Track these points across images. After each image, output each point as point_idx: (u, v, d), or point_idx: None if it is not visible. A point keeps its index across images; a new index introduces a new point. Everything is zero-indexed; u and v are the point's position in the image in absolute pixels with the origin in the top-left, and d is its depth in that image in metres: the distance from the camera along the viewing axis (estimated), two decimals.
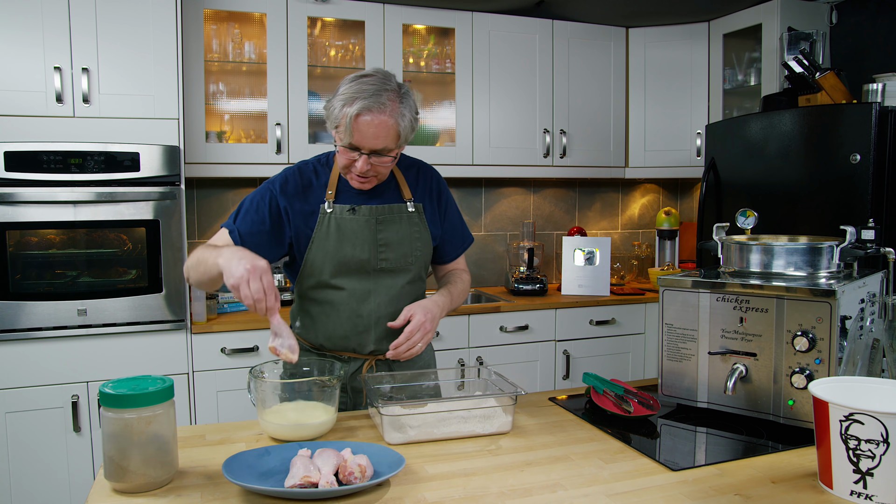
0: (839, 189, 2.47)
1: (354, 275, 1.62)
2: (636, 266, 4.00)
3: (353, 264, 1.61)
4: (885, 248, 1.59)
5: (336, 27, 3.22)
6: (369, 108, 1.46)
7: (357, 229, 1.61)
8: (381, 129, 1.48)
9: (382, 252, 1.63)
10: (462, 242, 1.83)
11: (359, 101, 1.46)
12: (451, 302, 1.69)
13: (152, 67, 2.58)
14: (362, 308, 1.63)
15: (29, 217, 2.44)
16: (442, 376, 1.68)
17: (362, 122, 1.47)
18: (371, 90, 1.47)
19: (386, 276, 1.65)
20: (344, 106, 1.48)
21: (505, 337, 3.13)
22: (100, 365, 2.53)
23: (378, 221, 1.63)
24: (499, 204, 3.75)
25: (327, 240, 1.60)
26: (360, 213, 1.61)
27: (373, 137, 1.48)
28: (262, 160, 2.97)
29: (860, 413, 1.06)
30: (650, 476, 1.21)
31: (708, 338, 1.51)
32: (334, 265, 1.61)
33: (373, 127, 1.47)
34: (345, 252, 1.60)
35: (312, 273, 1.63)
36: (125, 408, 1.13)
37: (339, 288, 1.62)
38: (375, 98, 1.47)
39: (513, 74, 3.36)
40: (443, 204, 1.76)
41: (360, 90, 1.47)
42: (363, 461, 1.14)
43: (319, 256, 1.61)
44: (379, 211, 1.63)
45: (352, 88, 1.48)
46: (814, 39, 3.07)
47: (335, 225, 1.60)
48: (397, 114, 1.49)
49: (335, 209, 1.61)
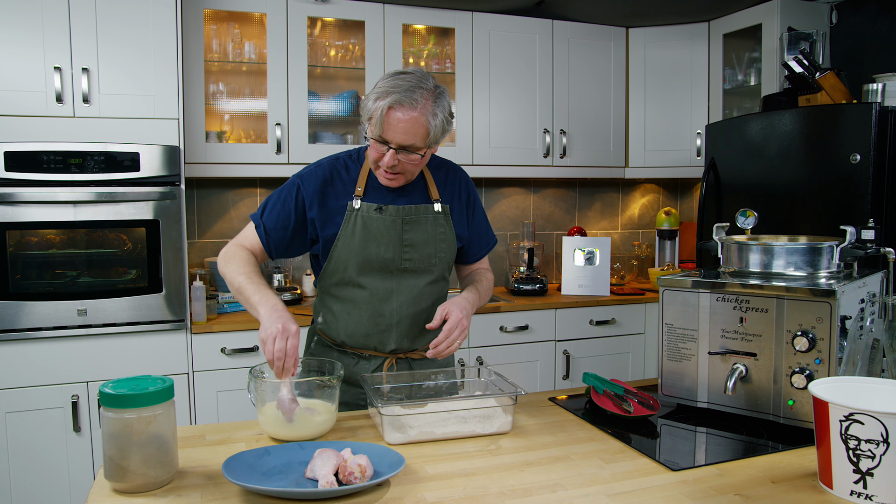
0: (839, 189, 2.47)
1: (377, 274, 1.63)
2: (636, 266, 4.00)
3: (377, 263, 1.62)
4: (885, 248, 1.59)
5: (336, 27, 3.22)
6: (401, 103, 1.48)
7: (383, 229, 1.61)
8: (412, 126, 1.50)
9: (407, 252, 1.64)
10: (487, 243, 1.85)
11: (392, 95, 1.48)
12: (479, 299, 1.70)
13: (152, 67, 2.58)
14: (384, 307, 1.64)
15: (29, 217, 2.44)
16: (441, 376, 1.68)
17: (393, 116, 1.49)
18: (406, 86, 1.49)
19: (409, 276, 1.65)
20: (378, 99, 1.50)
21: (505, 337, 3.13)
22: (100, 365, 2.53)
23: (404, 222, 1.63)
24: (499, 204, 3.75)
25: (353, 237, 1.61)
26: (387, 213, 1.62)
27: (402, 133, 1.50)
28: (262, 160, 2.97)
29: (860, 413, 1.06)
30: (650, 476, 1.21)
31: (708, 338, 1.51)
32: (358, 263, 1.61)
33: (403, 122, 1.49)
34: (369, 251, 1.61)
35: (336, 269, 1.63)
36: (125, 408, 1.13)
37: (361, 286, 1.63)
38: (409, 94, 1.49)
39: (513, 74, 3.36)
40: (471, 205, 1.77)
41: (395, 85, 1.50)
42: (363, 461, 1.14)
43: (344, 254, 1.61)
44: (406, 211, 1.64)
45: (388, 83, 1.51)
46: (814, 39, 3.07)
47: (361, 223, 1.61)
48: (429, 112, 1.51)
49: (363, 207, 1.61)
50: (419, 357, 1.72)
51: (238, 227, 3.25)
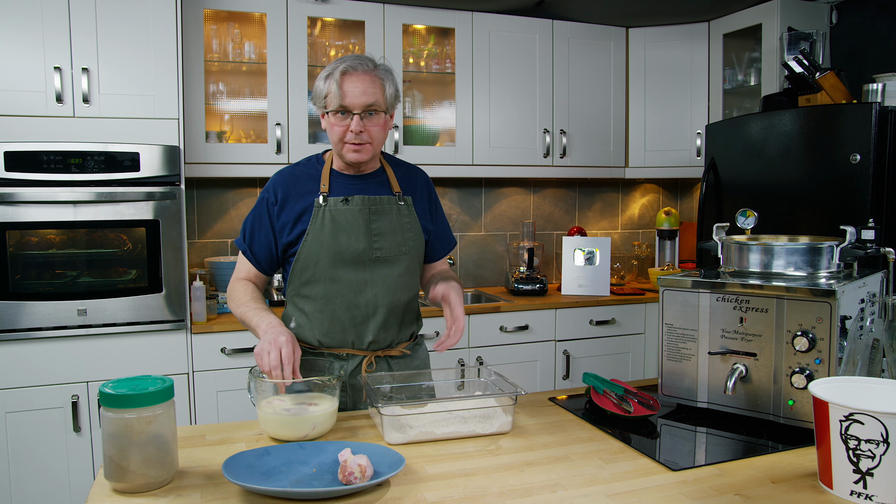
0: (839, 189, 2.47)
1: (350, 266, 1.64)
2: (636, 266, 4.00)
3: (349, 255, 1.63)
4: (885, 248, 1.59)
5: (336, 27, 3.22)
6: (353, 67, 1.58)
7: (351, 219, 1.64)
8: (368, 84, 1.57)
9: (377, 241, 1.66)
10: (449, 242, 1.87)
11: (342, 64, 1.58)
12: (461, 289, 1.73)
13: (152, 67, 2.58)
14: (359, 298, 1.65)
15: (29, 217, 2.44)
16: (442, 376, 1.68)
17: (349, 80, 1.57)
18: (351, 56, 1.61)
19: (381, 265, 1.67)
20: (328, 76, 1.59)
21: (505, 337, 3.13)
22: (100, 365, 2.53)
23: (371, 212, 1.67)
24: (499, 204, 3.75)
25: (322, 231, 1.63)
26: (353, 204, 1.65)
27: (362, 93, 1.57)
28: (262, 160, 2.97)
29: (860, 413, 1.06)
30: (650, 476, 1.21)
31: (708, 338, 1.51)
32: (330, 256, 1.63)
33: (360, 82, 1.57)
34: (340, 242, 1.63)
35: (307, 266, 1.64)
36: (125, 408, 1.13)
37: (334, 280, 1.64)
38: (357, 59, 1.59)
39: (513, 74, 3.36)
40: (433, 203, 1.82)
41: (340, 59, 1.61)
42: (363, 461, 1.14)
43: (315, 248, 1.63)
44: (371, 202, 1.67)
45: (331, 64, 1.61)
46: (814, 39, 3.07)
47: (329, 216, 1.63)
48: (381, 72, 1.61)
49: (329, 202, 1.64)
50: (399, 353, 1.73)
51: (238, 226, 3.25)
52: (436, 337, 2.98)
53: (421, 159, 3.06)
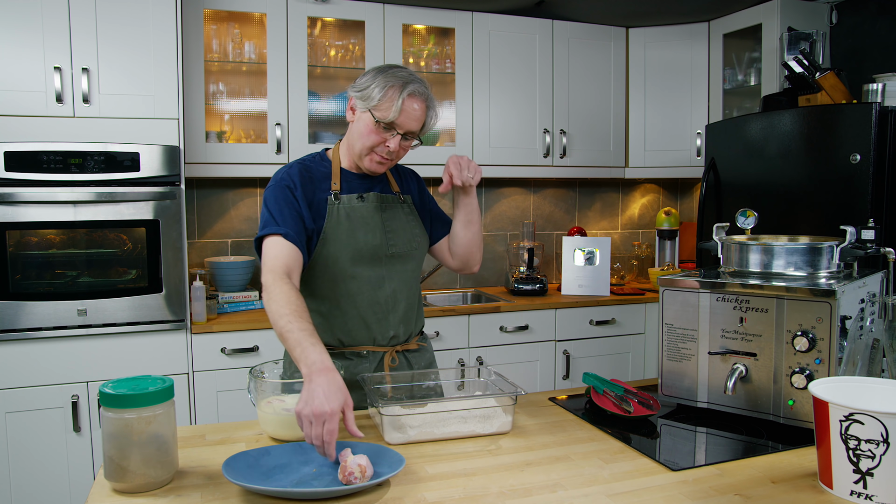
0: (839, 189, 2.47)
1: (367, 262, 1.64)
2: (636, 266, 4.00)
3: (367, 251, 1.63)
4: (885, 248, 1.59)
5: (336, 27, 3.22)
6: (419, 93, 1.57)
7: (367, 216, 1.65)
8: (422, 113, 1.59)
9: (391, 238, 1.67)
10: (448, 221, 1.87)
11: (411, 84, 1.56)
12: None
13: (152, 67, 2.58)
14: (378, 294, 1.66)
15: (29, 217, 2.44)
16: (442, 376, 1.68)
17: (411, 104, 1.56)
18: (417, 77, 1.58)
19: (396, 261, 1.68)
20: (392, 87, 1.54)
21: (505, 337, 3.13)
22: (100, 365, 2.53)
23: (383, 209, 1.68)
24: (499, 204, 3.75)
25: (339, 228, 1.62)
26: (368, 200, 1.66)
27: (415, 120, 1.58)
28: (262, 160, 2.97)
29: (860, 413, 1.06)
30: (650, 476, 1.21)
31: (708, 338, 1.51)
32: (350, 253, 1.62)
33: (418, 111, 1.57)
34: (358, 238, 1.62)
35: (327, 266, 1.62)
36: (125, 408, 1.13)
37: (354, 278, 1.64)
38: (422, 84, 1.58)
39: (513, 74, 3.36)
40: (423, 192, 1.85)
41: (407, 75, 1.57)
42: (363, 461, 1.14)
43: (334, 247, 1.61)
44: (382, 199, 1.69)
45: (398, 73, 1.57)
46: (814, 39, 3.07)
47: (345, 213, 1.63)
48: (434, 103, 1.62)
49: (343, 198, 1.64)
50: (416, 347, 1.75)
51: (238, 226, 3.25)
52: (436, 337, 2.98)
53: (421, 159, 3.06)
